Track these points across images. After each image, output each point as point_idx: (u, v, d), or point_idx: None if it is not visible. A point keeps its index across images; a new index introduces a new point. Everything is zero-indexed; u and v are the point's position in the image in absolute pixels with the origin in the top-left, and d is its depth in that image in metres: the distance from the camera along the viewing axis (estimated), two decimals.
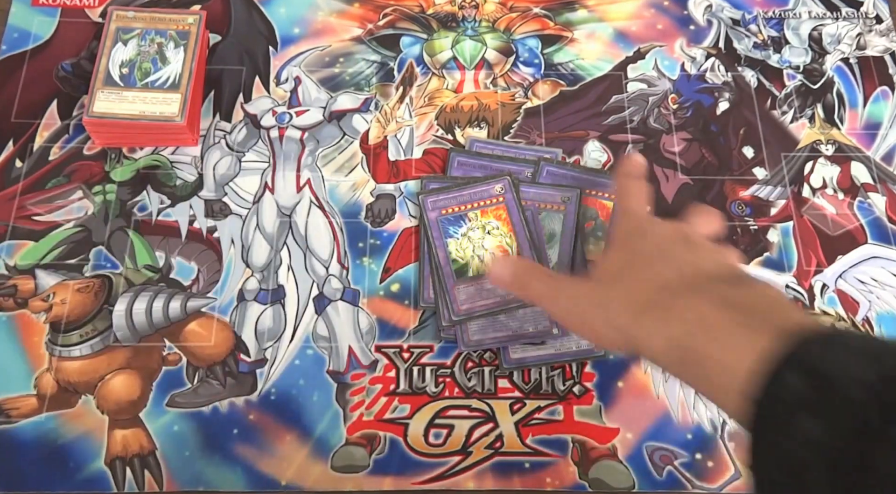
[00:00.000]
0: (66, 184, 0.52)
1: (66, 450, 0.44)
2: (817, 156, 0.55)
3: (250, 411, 0.46)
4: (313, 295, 0.49)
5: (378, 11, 0.60)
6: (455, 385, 0.47)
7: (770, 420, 0.27)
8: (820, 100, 0.58)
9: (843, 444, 0.24)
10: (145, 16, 0.54)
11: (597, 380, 0.47)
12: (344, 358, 0.47)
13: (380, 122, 0.55)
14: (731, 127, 0.56)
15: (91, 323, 0.47)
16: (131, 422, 0.45)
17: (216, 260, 0.50)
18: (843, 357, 0.26)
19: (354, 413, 0.46)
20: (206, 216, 0.51)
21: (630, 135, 0.55)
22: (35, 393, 0.45)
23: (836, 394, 0.25)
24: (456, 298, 0.47)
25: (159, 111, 0.51)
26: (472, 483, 0.44)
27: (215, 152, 0.53)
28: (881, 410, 0.23)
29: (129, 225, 0.50)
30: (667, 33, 0.60)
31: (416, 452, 0.45)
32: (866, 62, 0.59)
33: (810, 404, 0.25)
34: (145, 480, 0.44)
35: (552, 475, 0.45)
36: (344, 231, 0.51)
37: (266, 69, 0.57)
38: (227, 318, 0.48)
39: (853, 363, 0.25)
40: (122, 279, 0.49)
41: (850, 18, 0.61)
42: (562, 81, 0.57)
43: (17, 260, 0.49)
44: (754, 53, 0.59)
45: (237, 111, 0.55)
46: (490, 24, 0.60)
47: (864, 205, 0.53)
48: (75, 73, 0.56)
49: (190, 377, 0.46)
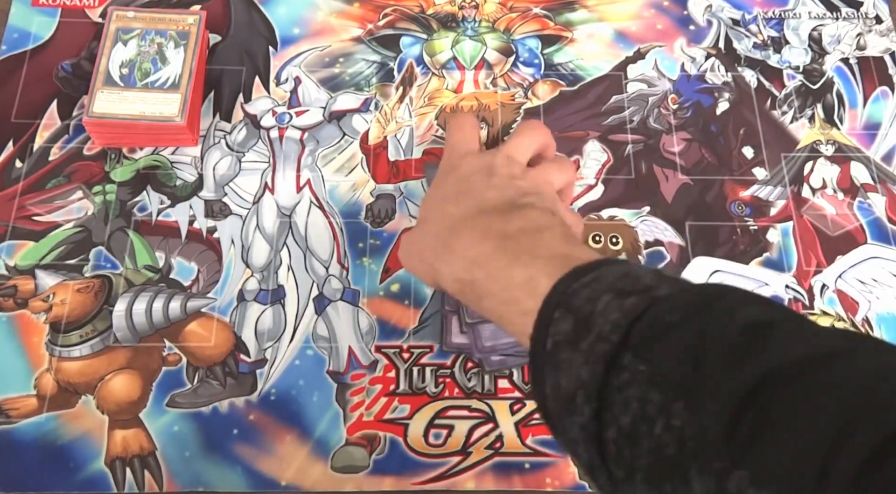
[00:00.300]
0: (66, 185, 0.52)
1: (66, 450, 0.44)
2: (817, 156, 0.55)
3: (250, 411, 0.46)
4: (313, 295, 0.49)
5: (378, 11, 0.60)
6: (455, 385, 0.47)
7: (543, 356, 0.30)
8: (820, 101, 0.58)
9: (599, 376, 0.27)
10: (145, 16, 0.54)
11: None
12: (344, 359, 0.47)
13: (380, 122, 0.55)
14: (731, 127, 0.56)
15: (91, 324, 0.47)
16: (131, 423, 0.45)
17: (216, 261, 0.50)
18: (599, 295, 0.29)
19: (354, 414, 0.46)
20: (206, 216, 0.51)
21: (630, 135, 0.55)
22: (35, 393, 0.45)
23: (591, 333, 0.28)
24: (481, 335, 0.46)
25: (159, 111, 0.51)
26: (472, 484, 0.44)
27: (215, 152, 0.53)
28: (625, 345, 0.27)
29: (129, 225, 0.50)
30: (667, 33, 0.60)
31: (416, 452, 0.45)
32: (866, 62, 0.59)
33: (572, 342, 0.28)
34: (145, 480, 0.44)
35: (552, 475, 0.45)
36: (344, 231, 0.51)
37: (266, 69, 0.57)
38: (227, 318, 0.48)
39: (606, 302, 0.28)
40: (122, 279, 0.49)
41: (850, 18, 0.61)
42: (562, 81, 0.57)
43: (17, 261, 0.49)
44: (754, 53, 0.59)
45: (237, 111, 0.55)
46: (490, 24, 0.60)
47: (863, 206, 0.53)
48: (75, 73, 0.56)
49: (190, 377, 0.46)
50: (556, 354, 0.29)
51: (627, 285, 0.29)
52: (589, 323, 0.28)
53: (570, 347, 0.28)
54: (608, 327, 0.27)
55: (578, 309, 0.29)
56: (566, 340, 0.29)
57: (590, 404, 0.27)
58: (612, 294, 0.28)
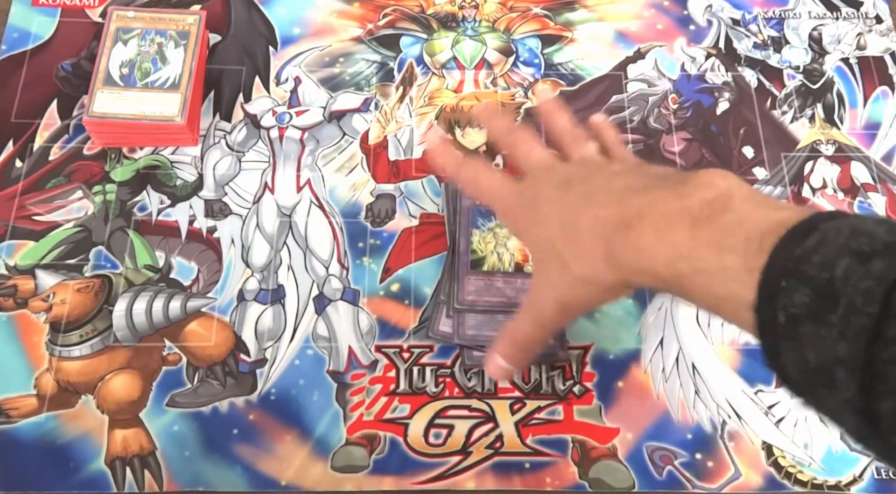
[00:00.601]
0: (66, 184, 0.52)
1: (66, 450, 0.44)
2: (817, 156, 0.55)
3: (250, 411, 0.46)
4: (313, 295, 0.49)
5: (378, 11, 0.60)
6: (455, 385, 0.47)
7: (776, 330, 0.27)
8: (820, 100, 0.58)
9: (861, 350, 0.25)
10: (145, 16, 0.54)
11: (597, 380, 0.47)
12: (344, 358, 0.47)
13: (380, 122, 0.55)
14: (731, 127, 0.56)
15: (91, 323, 0.47)
16: (131, 422, 0.45)
17: (216, 260, 0.50)
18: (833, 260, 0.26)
19: (354, 414, 0.46)
20: (206, 216, 0.51)
21: (630, 135, 0.55)
22: (35, 392, 0.45)
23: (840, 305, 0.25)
24: (465, 287, 0.47)
25: (159, 111, 0.51)
26: (472, 483, 0.44)
27: (215, 152, 0.53)
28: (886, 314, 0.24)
29: (129, 225, 0.50)
30: (667, 33, 0.60)
31: (416, 452, 0.45)
32: (866, 62, 0.59)
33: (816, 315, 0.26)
34: (145, 480, 0.44)
35: (552, 475, 0.45)
36: (344, 231, 0.51)
37: (266, 69, 0.57)
38: (227, 318, 0.48)
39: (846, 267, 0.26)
40: (122, 279, 0.49)
41: (850, 18, 0.61)
42: (562, 81, 0.57)
43: (17, 260, 0.49)
44: (754, 53, 0.59)
45: (237, 111, 0.55)
46: (490, 24, 0.60)
47: (864, 205, 0.53)
48: (75, 73, 0.56)
49: (190, 377, 0.46)
50: (794, 328, 0.27)
51: (864, 245, 0.26)
52: (833, 293, 0.26)
53: (813, 321, 0.26)
54: (860, 298, 0.25)
55: (813, 278, 0.26)
56: (807, 314, 0.26)
57: (855, 380, 0.25)
58: (850, 257, 0.26)
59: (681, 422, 0.46)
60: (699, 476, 0.45)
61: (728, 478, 0.45)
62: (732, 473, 0.45)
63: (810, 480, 0.45)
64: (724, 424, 0.46)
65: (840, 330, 0.25)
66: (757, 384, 0.47)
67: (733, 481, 0.45)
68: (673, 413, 0.47)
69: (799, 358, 0.27)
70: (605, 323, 0.49)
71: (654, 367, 0.48)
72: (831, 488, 0.45)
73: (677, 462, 0.45)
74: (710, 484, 0.45)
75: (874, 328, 0.25)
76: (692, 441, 0.46)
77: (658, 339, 0.48)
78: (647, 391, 0.47)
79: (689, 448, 0.46)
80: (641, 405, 0.47)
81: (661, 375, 0.48)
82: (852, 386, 0.25)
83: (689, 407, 0.47)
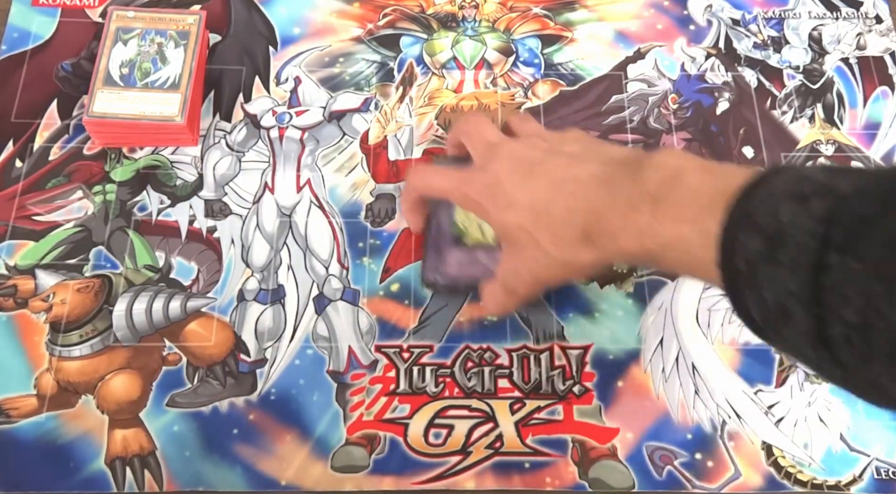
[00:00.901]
0: (66, 184, 0.52)
1: (66, 450, 0.44)
2: (817, 156, 0.55)
3: (250, 411, 0.46)
4: (313, 295, 0.49)
5: (378, 11, 0.60)
6: (455, 385, 0.47)
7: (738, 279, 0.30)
8: (820, 100, 0.58)
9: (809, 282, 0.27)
10: (145, 16, 0.54)
11: (597, 380, 0.47)
12: (344, 358, 0.47)
13: (380, 122, 0.55)
14: (731, 127, 0.56)
15: (91, 323, 0.47)
16: (131, 422, 0.45)
17: (216, 260, 0.50)
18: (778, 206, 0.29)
19: (354, 413, 0.46)
20: (206, 216, 0.51)
21: (630, 135, 0.55)
22: (35, 393, 0.45)
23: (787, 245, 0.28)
24: (447, 261, 0.48)
25: (159, 111, 0.51)
26: (472, 483, 0.44)
27: (215, 152, 0.53)
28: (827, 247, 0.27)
29: (129, 225, 0.50)
30: (667, 33, 0.60)
31: (416, 452, 0.45)
32: (866, 62, 0.59)
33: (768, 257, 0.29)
34: (145, 480, 0.44)
35: (552, 475, 0.45)
36: (344, 231, 0.51)
37: (266, 69, 0.57)
38: (227, 318, 0.48)
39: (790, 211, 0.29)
40: (122, 279, 0.49)
41: (850, 18, 0.61)
42: (562, 81, 0.57)
43: (17, 261, 0.49)
44: (754, 53, 0.59)
45: (237, 111, 0.55)
46: (490, 24, 0.60)
47: None
48: (75, 73, 0.56)
49: (190, 377, 0.46)
50: (753, 273, 0.29)
51: (805, 189, 0.29)
52: (781, 236, 0.28)
53: (767, 263, 0.29)
54: (804, 236, 0.28)
55: (763, 225, 0.29)
56: (761, 258, 0.29)
57: (806, 310, 0.28)
58: (793, 201, 0.29)
59: (681, 422, 0.46)
60: (699, 476, 0.45)
61: (728, 478, 0.45)
62: (732, 473, 0.45)
63: (810, 480, 0.45)
64: (724, 424, 0.46)
65: (789, 268, 0.28)
66: (757, 384, 0.47)
67: (733, 481, 0.45)
68: (673, 413, 0.47)
69: (759, 299, 0.29)
70: (605, 323, 0.49)
71: (654, 367, 0.48)
72: (831, 488, 0.45)
73: (677, 462, 0.45)
74: (709, 484, 0.45)
75: (817, 261, 0.27)
76: (692, 441, 0.46)
77: (658, 339, 0.48)
78: (647, 391, 0.47)
79: (688, 448, 0.46)
80: (641, 405, 0.47)
81: (661, 375, 0.48)
82: (805, 317, 0.28)
83: (689, 406, 0.47)
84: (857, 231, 0.27)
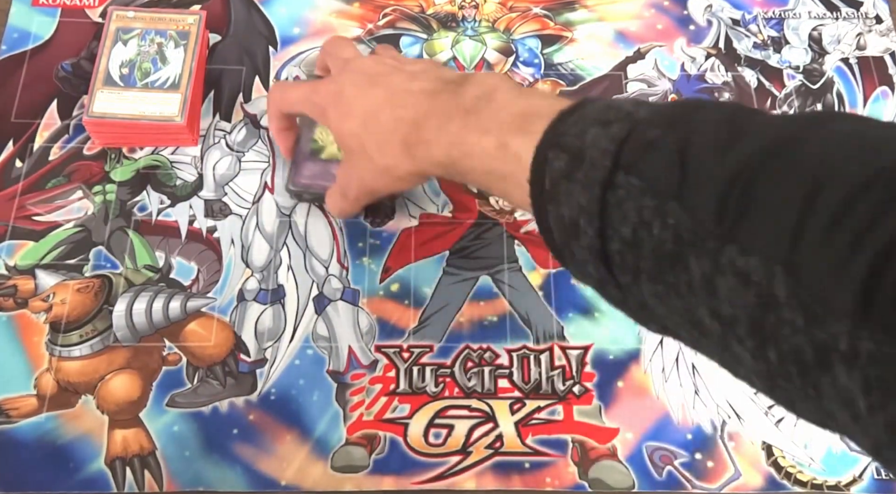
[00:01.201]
0: (66, 184, 0.52)
1: (66, 450, 0.44)
2: None
3: (250, 411, 0.46)
4: (313, 295, 0.49)
5: (378, 11, 0.60)
6: (455, 385, 0.47)
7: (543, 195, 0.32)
8: (820, 100, 0.58)
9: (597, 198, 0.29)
10: (145, 16, 0.54)
11: (597, 380, 0.47)
12: (344, 358, 0.47)
13: None
14: None
15: (91, 323, 0.47)
16: (131, 422, 0.45)
17: (216, 260, 0.50)
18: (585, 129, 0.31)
19: (354, 413, 0.46)
20: (205, 216, 0.51)
21: None
22: (35, 392, 0.45)
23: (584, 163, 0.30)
24: (301, 171, 0.50)
25: (159, 111, 0.51)
26: (472, 483, 0.44)
27: (215, 152, 0.53)
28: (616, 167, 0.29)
29: (129, 225, 0.50)
30: (667, 33, 0.60)
31: (415, 452, 0.45)
32: (866, 62, 0.59)
33: (568, 175, 0.30)
34: (145, 480, 0.44)
35: (552, 475, 0.45)
36: (344, 231, 0.51)
37: (266, 69, 0.57)
38: (227, 318, 0.48)
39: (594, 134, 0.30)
40: (122, 279, 0.49)
41: (850, 18, 0.61)
42: (562, 81, 0.57)
43: (17, 260, 0.49)
44: (754, 53, 0.59)
45: (237, 111, 0.55)
46: (490, 24, 0.60)
47: None
48: (75, 73, 0.56)
49: (190, 377, 0.46)
50: (555, 190, 0.31)
51: (611, 115, 0.31)
52: (581, 155, 0.30)
53: (566, 180, 0.30)
54: (598, 154, 0.29)
55: (569, 145, 0.31)
56: (562, 175, 0.31)
57: (592, 225, 0.29)
58: (598, 125, 0.30)
59: (681, 423, 0.46)
60: (699, 477, 0.45)
61: (728, 478, 0.45)
62: (732, 473, 0.45)
63: (810, 480, 0.45)
64: (724, 424, 0.46)
65: (582, 184, 0.30)
66: None
67: (733, 481, 0.45)
68: (673, 413, 0.47)
69: (558, 216, 0.31)
70: (605, 323, 0.49)
71: (654, 367, 0.48)
72: (831, 488, 0.45)
73: (677, 462, 0.45)
74: (709, 484, 0.45)
75: (607, 178, 0.29)
76: (692, 441, 0.46)
77: (658, 339, 0.48)
78: (647, 391, 0.47)
79: (688, 448, 0.46)
80: (641, 405, 0.47)
81: (661, 375, 0.48)
82: (590, 231, 0.29)
83: (689, 407, 0.47)
84: (641, 150, 0.29)
